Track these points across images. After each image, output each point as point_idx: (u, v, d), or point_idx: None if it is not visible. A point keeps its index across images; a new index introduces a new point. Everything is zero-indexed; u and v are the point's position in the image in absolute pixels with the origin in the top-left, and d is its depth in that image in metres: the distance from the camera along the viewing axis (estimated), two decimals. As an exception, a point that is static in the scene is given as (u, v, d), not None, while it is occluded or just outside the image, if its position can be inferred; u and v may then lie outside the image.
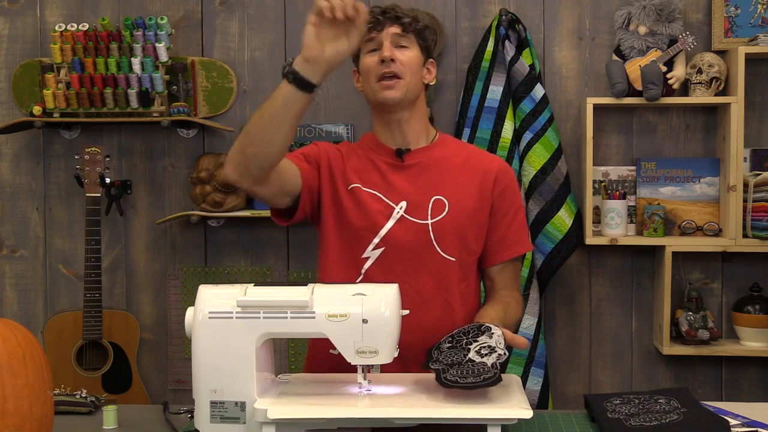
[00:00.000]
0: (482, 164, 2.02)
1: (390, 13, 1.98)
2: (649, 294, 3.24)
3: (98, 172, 3.15)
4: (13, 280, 3.43)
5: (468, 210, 1.97)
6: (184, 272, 3.37)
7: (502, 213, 2.01)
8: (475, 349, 1.63)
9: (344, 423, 1.54)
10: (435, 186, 1.98)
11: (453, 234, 1.96)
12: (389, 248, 1.94)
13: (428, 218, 1.95)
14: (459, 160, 2.02)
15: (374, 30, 1.96)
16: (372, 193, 1.98)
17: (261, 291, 1.60)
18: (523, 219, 2.08)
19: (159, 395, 3.33)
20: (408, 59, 1.96)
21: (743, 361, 3.17)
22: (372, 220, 1.95)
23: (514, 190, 2.05)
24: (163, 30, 3.19)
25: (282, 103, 1.75)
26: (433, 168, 2.00)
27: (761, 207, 2.97)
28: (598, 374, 3.27)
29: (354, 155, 2.04)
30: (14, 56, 3.39)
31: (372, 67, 1.96)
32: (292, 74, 1.73)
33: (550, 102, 3.15)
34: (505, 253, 2.02)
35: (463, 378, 1.55)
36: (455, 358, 1.62)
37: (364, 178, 1.99)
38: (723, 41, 3.13)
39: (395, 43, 1.96)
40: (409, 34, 1.98)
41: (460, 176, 1.99)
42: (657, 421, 1.66)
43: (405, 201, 1.96)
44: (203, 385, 1.59)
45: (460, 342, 1.68)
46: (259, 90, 3.33)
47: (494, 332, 1.67)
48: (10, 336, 1.47)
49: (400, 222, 1.95)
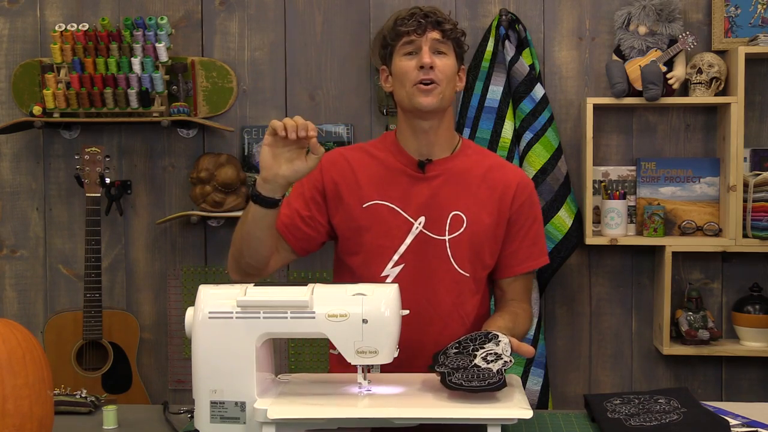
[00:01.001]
0: (502, 178, 1.99)
1: (431, 17, 1.93)
2: (649, 294, 3.24)
3: (98, 172, 3.15)
4: (13, 280, 3.43)
5: (485, 226, 1.95)
6: (184, 272, 3.37)
7: (517, 227, 1.99)
8: (482, 356, 1.63)
9: (344, 423, 1.54)
10: (454, 201, 1.95)
11: (469, 249, 1.94)
12: (408, 265, 1.93)
13: (446, 234, 1.94)
14: (480, 172, 1.99)
15: (414, 33, 1.92)
16: (390, 208, 1.95)
17: (261, 291, 1.60)
18: (538, 233, 2.04)
19: (159, 395, 3.33)
20: (446, 66, 1.93)
21: (743, 361, 3.17)
22: (391, 236, 1.94)
23: (532, 204, 2.02)
24: (163, 30, 3.19)
25: (252, 220, 1.84)
26: (453, 181, 1.97)
27: (761, 207, 2.97)
28: (598, 374, 3.27)
29: (370, 163, 1.99)
30: (14, 56, 3.39)
31: (408, 71, 1.92)
32: (254, 196, 1.81)
33: (550, 102, 3.14)
34: (516, 267, 2.01)
35: (468, 381, 1.55)
36: (461, 363, 1.62)
37: (382, 191, 1.96)
38: (723, 41, 3.13)
39: (434, 48, 1.93)
40: (448, 41, 1.95)
41: (480, 191, 1.97)
42: (657, 421, 1.66)
43: (423, 216, 1.94)
44: (203, 385, 1.59)
45: (466, 348, 1.68)
46: (259, 90, 3.33)
47: (501, 340, 1.67)
48: (10, 336, 1.47)
49: (418, 238, 1.94)
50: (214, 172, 3.17)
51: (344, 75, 3.31)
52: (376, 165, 1.99)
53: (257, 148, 3.32)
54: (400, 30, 1.94)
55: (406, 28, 1.93)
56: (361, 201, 1.96)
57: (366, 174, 1.98)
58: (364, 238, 1.95)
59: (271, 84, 3.33)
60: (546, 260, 2.06)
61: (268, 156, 1.76)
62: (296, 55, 3.32)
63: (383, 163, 1.99)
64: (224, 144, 3.34)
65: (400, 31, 1.94)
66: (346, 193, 1.97)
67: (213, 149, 3.34)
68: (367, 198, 1.96)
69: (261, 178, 1.78)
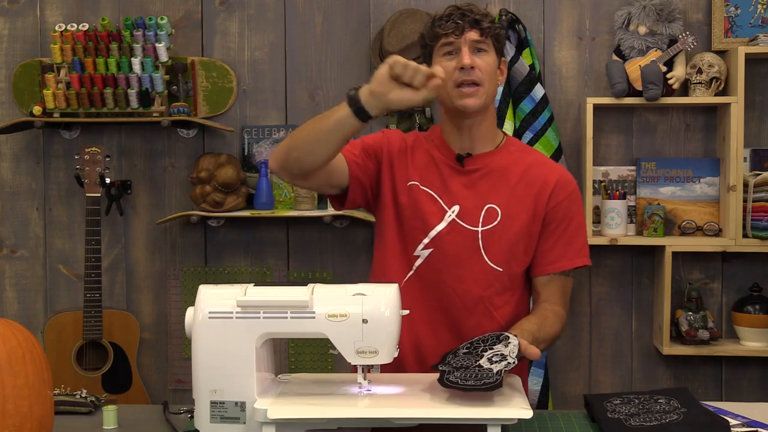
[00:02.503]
0: (542, 175, 1.97)
1: (469, 16, 1.91)
2: (649, 294, 3.24)
3: (98, 172, 3.15)
4: (13, 280, 3.43)
5: (521, 222, 1.94)
6: (184, 272, 3.37)
7: (553, 226, 1.96)
8: (488, 356, 1.63)
9: (344, 423, 1.54)
10: (490, 194, 1.95)
11: (502, 244, 1.93)
12: (437, 250, 1.94)
13: (479, 225, 1.94)
14: (519, 170, 1.98)
15: (452, 35, 1.90)
16: (428, 193, 1.97)
17: (261, 291, 1.60)
18: (576, 233, 1.99)
19: (159, 395, 3.33)
20: (486, 65, 1.91)
21: (743, 361, 3.17)
22: (424, 219, 1.95)
23: (571, 203, 1.98)
24: (163, 30, 3.19)
25: (335, 123, 1.80)
26: (491, 176, 1.97)
27: (761, 207, 2.97)
28: (598, 374, 3.27)
29: (419, 149, 2.02)
30: (14, 56, 3.39)
31: (449, 72, 1.90)
32: (354, 101, 1.77)
33: (550, 102, 3.14)
34: (549, 266, 1.97)
35: (463, 381, 1.55)
36: (465, 363, 1.63)
37: (424, 177, 1.98)
38: (723, 41, 3.12)
39: (473, 47, 1.90)
40: (488, 38, 1.92)
41: (518, 186, 1.96)
42: (657, 421, 1.66)
43: (458, 205, 1.95)
44: (203, 385, 1.59)
45: (476, 349, 1.68)
46: (259, 90, 3.33)
47: (511, 341, 1.67)
48: (10, 336, 1.47)
49: (450, 225, 1.94)
50: (214, 172, 3.17)
51: (344, 75, 3.31)
52: (423, 152, 2.02)
53: (257, 148, 3.32)
54: (438, 32, 1.93)
55: (444, 30, 1.91)
56: (406, 179, 1.99)
57: (415, 157, 2.01)
58: (402, 214, 1.97)
59: (271, 84, 3.33)
60: (585, 261, 2.00)
61: (385, 75, 1.74)
62: (296, 55, 3.32)
63: (429, 152, 2.01)
64: (224, 144, 3.34)
65: (438, 32, 1.93)
66: (397, 167, 2.00)
67: (213, 149, 3.34)
68: (412, 178, 1.99)
69: (369, 89, 1.76)
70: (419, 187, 1.98)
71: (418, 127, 3.18)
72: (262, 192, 3.21)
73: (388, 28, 3.14)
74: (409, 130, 3.19)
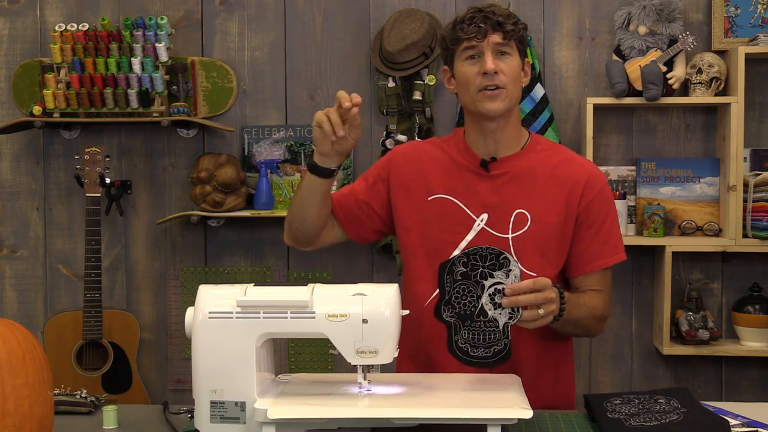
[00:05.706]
0: (570, 174, 1.93)
1: (492, 18, 1.86)
2: (649, 294, 3.24)
3: (98, 172, 3.15)
4: (13, 280, 3.43)
5: (551, 224, 1.91)
6: (184, 272, 3.37)
7: (587, 225, 1.93)
8: (489, 292, 1.63)
9: (344, 423, 1.54)
10: (519, 198, 1.91)
11: (534, 249, 1.90)
12: None
13: (509, 232, 1.91)
14: (546, 170, 1.93)
15: (474, 38, 1.87)
16: (454, 203, 1.94)
17: (261, 291, 1.60)
18: (611, 230, 1.96)
19: (159, 395, 3.33)
20: (510, 68, 1.88)
21: (743, 361, 3.17)
22: (452, 231, 1.92)
23: (603, 200, 1.95)
24: (163, 30, 3.19)
25: (307, 188, 1.94)
26: (518, 179, 1.93)
27: (761, 207, 2.97)
28: (598, 374, 3.27)
29: (439, 157, 1.99)
30: (14, 56, 3.39)
31: (471, 77, 1.87)
32: (311, 165, 1.89)
33: (550, 102, 3.14)
34: (586, 266, 1.94)
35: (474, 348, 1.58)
36: (467, 306, 1.63)
37: (448, 185, 1.95)
38: (723, 41, 3.12)
39: (496, 51, 1.87)
40: (511, 41, 1.88)
41: (546, 188, 1.92)
42: (657, 421, 1.66)
43: (486, 213, 1.92)
44: (203, 385, 1.59)
45: (475, 269, 1.65)
46: (259, 90, 3.33)
47: (512, 269, 1.64)
48: (10, 336, 1.47)
49: (480, 235, 1.91)
50: (214, 172, 3.17)
51: (344, 75, 3.31)
52: (445, 159, 1.98)
53: (257, 148, 3.32)
54: (460, 35, 1.88)
55: (466, 34, 1.87)
56: (427, 194, 1.96)
57: (434, 167, 1.98)
58: (428, 229, 1.95)
59: (271, 84, 3.33)
60: (621, 257, 1.98)
61: (319, 136, 1.82)
62: (296, 55, 3.32)
63: (451, 158, 1.98)
64: (224, 144, 3.34)
65: (459, 36, 1.89)
66: (413, 185, 1.98)
67: (213, 149, 3.34)
68: (434, 191, 1.96)
69: (317, 152, 1.86)
70: (443, 198, 1.94)
71: (418, 127, 3.17)
72: (262, 192, 3.21)
73: (388, 28, 3.13)
74: (409, 130, 3.21)
